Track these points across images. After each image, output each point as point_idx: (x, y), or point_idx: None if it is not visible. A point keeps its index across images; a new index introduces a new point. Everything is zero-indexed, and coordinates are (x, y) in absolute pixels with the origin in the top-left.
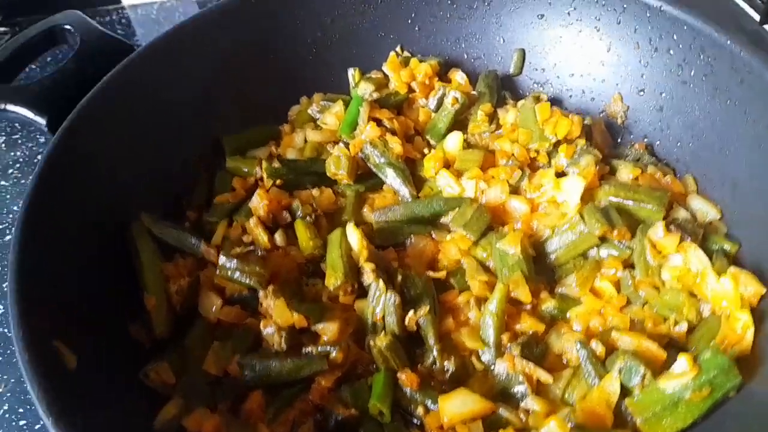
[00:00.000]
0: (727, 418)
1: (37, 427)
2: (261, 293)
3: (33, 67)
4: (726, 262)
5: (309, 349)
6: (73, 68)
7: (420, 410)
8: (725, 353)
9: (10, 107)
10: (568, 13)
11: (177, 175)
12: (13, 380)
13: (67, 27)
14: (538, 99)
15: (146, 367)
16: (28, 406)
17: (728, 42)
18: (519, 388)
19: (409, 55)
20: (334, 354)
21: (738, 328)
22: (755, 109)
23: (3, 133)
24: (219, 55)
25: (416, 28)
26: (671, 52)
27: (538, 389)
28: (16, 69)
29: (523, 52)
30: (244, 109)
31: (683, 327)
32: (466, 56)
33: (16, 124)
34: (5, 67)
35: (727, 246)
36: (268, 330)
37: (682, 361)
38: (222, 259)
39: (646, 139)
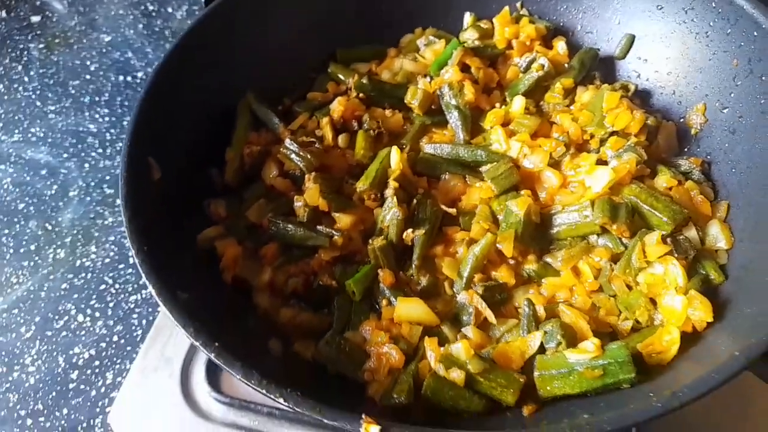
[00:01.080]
0: (607, 403)
1: None
2: (306, 176)
3: None
4: (699, 287)
5: (321, 227)
6: None
7: (383, 302)
8: (628, 349)
9: None
10: (686, 11)
11: (292, 72)
12: None
13: None
14: (626, 88)
15: (209, 200)
16: None
17: None
18: (466, 318)
19: (526, 13)
20: (336, 237)
21: (665, 339)
22: None
23: None
24: None
25: None
26: (763, 78)
27: (481, 323)
28: None
29: (632, 38)
30: (367, 27)
31: (628, 324)
32: (579, 27)
33: None
34: None
35: (714, 275)
36: (298, 203)
37: (590, 344)
38: (287, 141)
39: (708, 156)
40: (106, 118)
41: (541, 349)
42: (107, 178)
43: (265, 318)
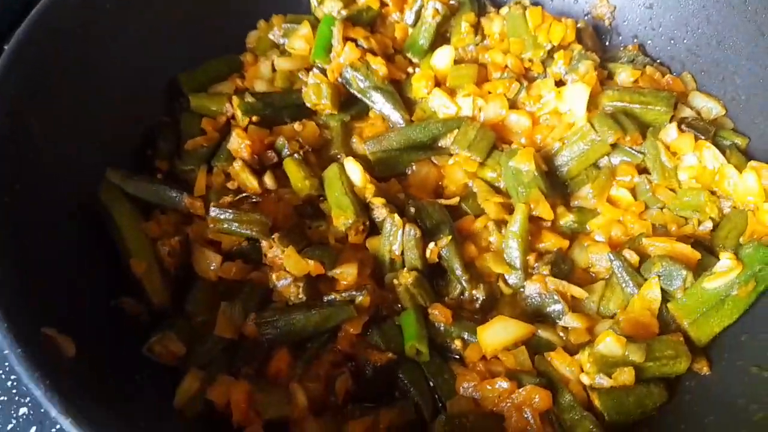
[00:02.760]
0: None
1: None
2: (264, 243)
3: None
4: (741, 156)
5: (332, 296)
6: None
7: (457, 344)
8: (764, 245)
9: None
10: None
11: (136, 126)
12: None
13: None
14: (519, 2)
15: (151, 341)
16: None
17: None
18: (554, 308)
19: None
20: (360, 298)
21: (767, 219)
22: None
23: None
24: None
25: None
26: None
27: (573, 305)
28: None
29: None
30: (196, 42)
31: (708, 226)
32: None
33: None
34: None
35: (738, 140)
36: (282, 282)
37: (726, 260)
38: (214, 211)
39: (636, 40)
40: None
41: (664, 296)
42: None
43: None
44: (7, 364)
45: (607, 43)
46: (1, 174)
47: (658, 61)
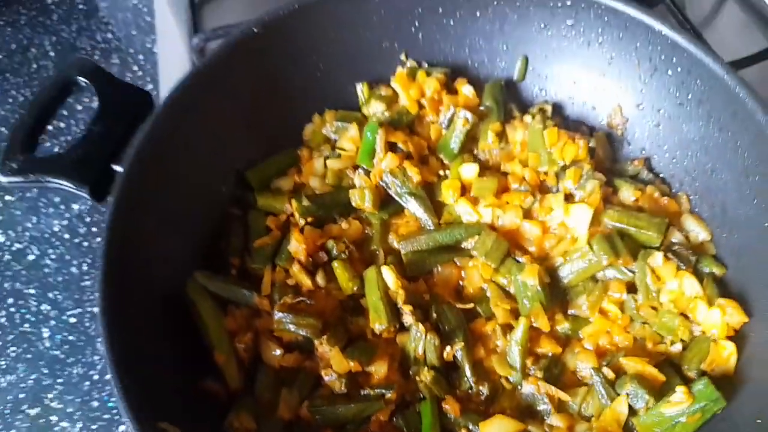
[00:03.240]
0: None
1: None
2: (316, 342)
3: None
4: (714, 287)
5: (367, 391)
6: (100, 129)
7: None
8: (712, 380)
9: (52, 181)
10: (571, 25)
11: (210, 220)
12: None
13: (82, 80)
14: (543, 111)
15: (229, 417)
16: None
17: (725, 76)
18: (543, 407)
19: (415, 64)
20: (389, 395)
21: (724, 354)
22: (746, 142)
23: None
24: (233, 90)
25: (420, 36)
26: (669, 73)
27: (559, 406)
28: (38, 135)
29: (526, 59)
30: (260, 137)
31: (678, 347)
32: (470, 62)
33: None
34: (30, 135)
35: (716, 270)
36: (329, 377)
37: (680, 393)
38: (278, 315)
39: (644, 152)
40: None
41: (630, 411)
42: (21, 396)
43: None
44: None
45: (620, 151)
46: (117, 285)
47: (661, 176)
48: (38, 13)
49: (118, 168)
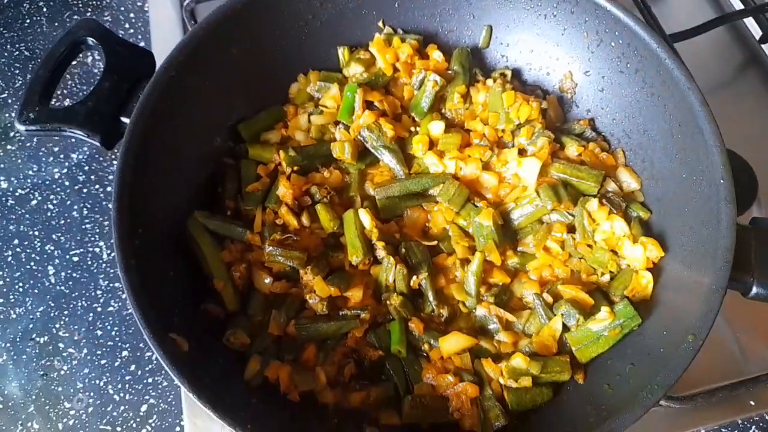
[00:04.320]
0: (627, 345)
1: None
2: (301, 272)
3: None
4: (640, 228)
5: (344, 312)
6: (108, 85)
7: (426, 347)
8: (632, 301)
9: (68, 130)
10: None
11: (207, 168)
12: None
13: (90, 40)
14: (503, 75)
15: (227, 333)
16: None
17: (657, 48)
18: (493, 326)
19: (391, 30)
20: (363, 315)
21: (643, 282)
22: (671, 107)
23: None
24: (227, 52)
25: (396, 5)
26: (612, 44)
27: (506, 326)
28: (51, 89)
29: (490, 28)
30: (250, 95)
31: (607, 278)
32: (440, 30)
33: None
34: (45, 88)
35: (642, 214)
36: (313, 300)
37: (604, 312)
38: (269, 248)
39: (589, 113)
40: None
41: (564, 328)
42: (30, 326)
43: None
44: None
45: (568, 112)
46: (128, 221)
47: (602, 134)
48: None
49: (125, 120)
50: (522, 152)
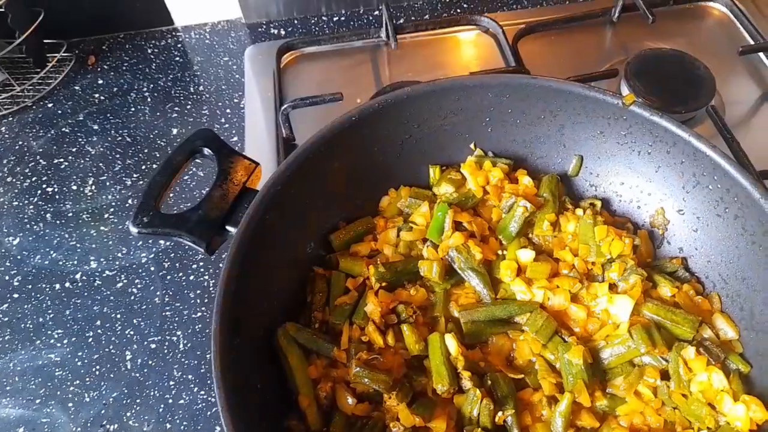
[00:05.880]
0: None
1: None
2: (386, 396)
3: None
4: (740, 383)
5: None
6: (217, 195)
7: None
8: None
9: (179, 236)
10: (624, 135)
11: (298, 279)
12: None
13: (206, 150)
14: (593, 205)
15: None
16: None
17: (760, 199)
18: None
19: (482, 153)
20: None
21: None
22: None
23: None
24: (329, 167)
25: (489, 131)
26: (710, 187)
27: None
28: (165, 193)
29: (581, 158)
30: (345, 205)
31: None
32: (530, 156)
33: None
34: (159, 193)
35: (741, 367)
36: (396, 429)
37: None
38: (356, 369)
39: (681, 252)
40: (65, 341)
41: None
42: (102, 412)
43: None
44: None
45: (658, 248)
46: (227, 331)
47: (696, 275)
48: (138, 61)
49: (230, 228)
50: (612, 288)
